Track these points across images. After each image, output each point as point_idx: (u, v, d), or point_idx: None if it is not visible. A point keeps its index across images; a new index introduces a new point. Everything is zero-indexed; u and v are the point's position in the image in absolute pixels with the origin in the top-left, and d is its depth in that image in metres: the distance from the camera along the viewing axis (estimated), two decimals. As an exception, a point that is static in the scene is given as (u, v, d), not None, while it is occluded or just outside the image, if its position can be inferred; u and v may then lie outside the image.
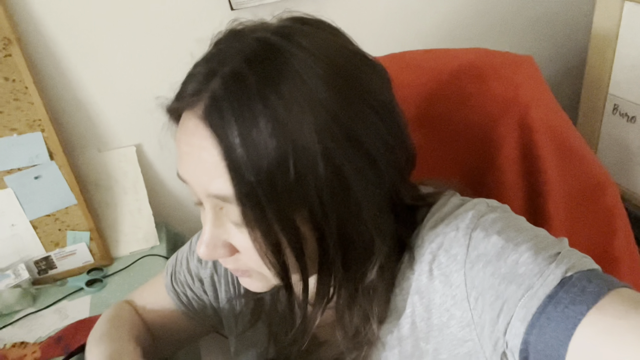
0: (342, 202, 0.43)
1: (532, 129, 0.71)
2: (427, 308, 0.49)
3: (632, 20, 0.91)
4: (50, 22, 0.96)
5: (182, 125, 0.45)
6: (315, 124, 0.41)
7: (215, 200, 0.44)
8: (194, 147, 0.43)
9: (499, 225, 0.46)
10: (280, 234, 0.43)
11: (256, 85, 0.40)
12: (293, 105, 0.40)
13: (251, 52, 0.42)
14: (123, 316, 0.68)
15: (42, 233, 1.02)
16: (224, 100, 0.41)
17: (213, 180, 0.42)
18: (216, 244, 0.46)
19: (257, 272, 0.49)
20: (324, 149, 0.41)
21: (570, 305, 0.38)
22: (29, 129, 0.95)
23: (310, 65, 0.41)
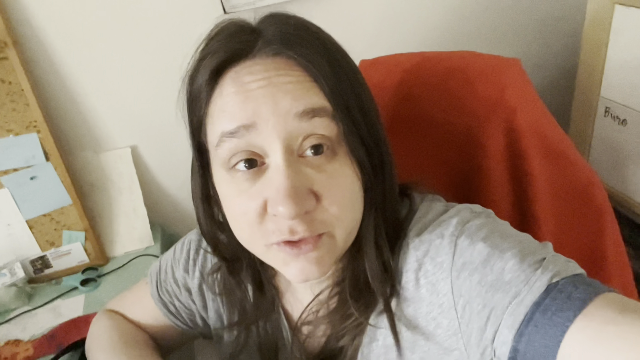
0: (381, 130, 0.49)
1: (519, 130, 0.72)
2: (413, 317, 0.49)
3: (623, 24, 0.91)
4: (46, 25, 0.97)
5: (245, 70, 0.43)
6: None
7: (302, 126, 0.42)
8: (279, 77, 0.42)
9: (483, 232, 0.46)
10: (369, 147, 0.46)
11: (307, 23, 0.46)
12: (336, 44, 0.47)
13: (277, 17, 0.47)
14: (126, 328, 0.67)
15: (38, 233, 1.04)
16: (298, 36, 0.44)
17: (308, 95, 0.42)
18: (302, 193, 0.42)
19: (329, 236, 0.46)
20: (362, 82, 0.49)
21: (557, 312, 0.38)
22: (25, 130, 0.97)
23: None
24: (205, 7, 1.03)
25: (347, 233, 0.46)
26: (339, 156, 0.44)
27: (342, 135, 0.44)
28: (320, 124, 0.42)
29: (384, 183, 0.48)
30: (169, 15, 1.03)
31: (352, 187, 0.45)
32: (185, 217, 1.21)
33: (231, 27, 0.46)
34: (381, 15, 1.16)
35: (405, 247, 0.50)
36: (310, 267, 0.45)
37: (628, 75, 0.93)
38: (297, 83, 0.42)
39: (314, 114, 0.42)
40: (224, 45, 0.44)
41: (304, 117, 0.42)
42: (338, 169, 0.44)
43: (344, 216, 0.45)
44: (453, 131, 0.75)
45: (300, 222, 0.43)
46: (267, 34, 0.44)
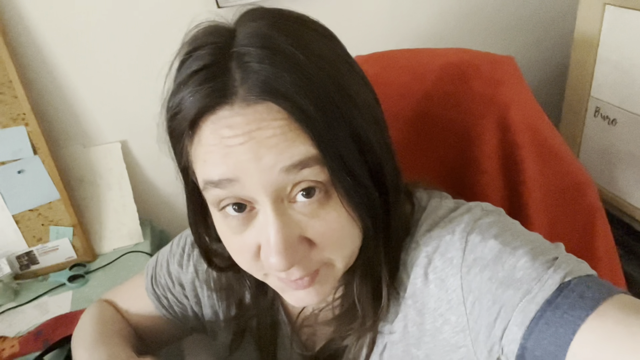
0: (384, 146, 0.45)
1: (512, 127, 0.72)
2: (420, 312, 0.48)
3: (614, 24, 0.92)
4: (35, 16, 0.96)
5: (223, 122, 0.39)
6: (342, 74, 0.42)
7: (290, 178, 0.39)
8: (260, 131, 0.38)
9: (495, 229, 0.45)
10: (362, 187, 0.42)
11: (289, 45, 0.39)
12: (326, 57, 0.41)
13: (263, 34, 0.40)
14: (110, 319, 0.66)
15: (25, 228, 1.02)
16: (280, 74, 0.38)
17: (293, 147, 0.38)
18: (293, 244, 0.41)
19: (326, 267, 0.45)
20: (360, 93, 0.43)
21: (569, 311, 0.37)
22: (12, 122, 0.95)
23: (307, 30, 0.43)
24: (198, 2, 1.02)
25: (347, 261, 0.46)
26: (333, 197, 0.42)
27: (333, 182, 0.41)
28: (309, 173, 0.39)
29: (388, 206, 0.46)
30: (160, 9, 1.02)
31: (347, 227, 0.43)
32: (176, 214, 1.20)
33: (208, 54, 0.40)
34: (375, 12, 1.16)
35: (414, 243, 0.50)
36: (309, 296, 0.46)
37: (618, 75, 0.94)
38: (281, 135, 0.38)
39: (302, 165, 0.39)
40: (197, 91, 0.39)
41: (291, 171, 0.39)
42: (331, 212, 0.42)
43: (342, 250, 0.44)
44: (447, 127, 0.75)
45: (295, 268, 0.43)
46: (245, 72, 0.38)
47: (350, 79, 0.42)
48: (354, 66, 0.45)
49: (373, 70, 0.82)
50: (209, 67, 0.40)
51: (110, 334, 0.63)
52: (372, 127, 0.43)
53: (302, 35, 0.41)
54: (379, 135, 0.45)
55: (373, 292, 0.49)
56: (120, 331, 0.64)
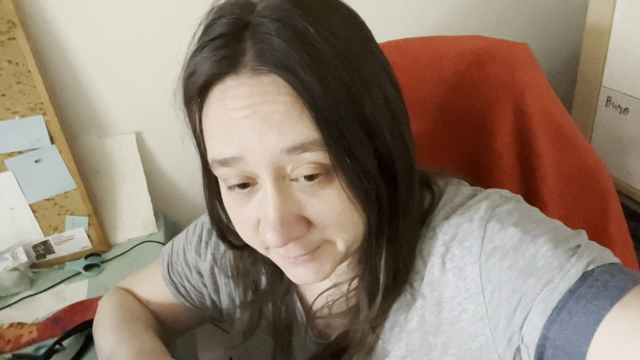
0: (397, 135, 0.44)
1: (527, 112, 0.73)
2: (437, 301, 0.48)
3: (625, 13, 0.93)
4: (54, 7, 0.97)
5: (229, 92, 0.39)
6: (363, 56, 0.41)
7: (291, 159, 0.39)
8: (264, 105, 0.38)
9: (514, 217, 0.44)
10: (365, 174, 0.41)
11: (307, 24, 0.38)
12: (346, 42, 0.40)
13: (281, 8, 0.39)
14: (132, 306, 0.66)
15: (41, 217, 1.03)
16: (289, 49, 0.37)
17: (295, 128, 0.38)
18: (290, 221, 0.41)
19: (327, 246, 0.45)
20: (378, 83, 0.42)
21: (593, 300, 0.36)
22: (30, 112, 0.96)
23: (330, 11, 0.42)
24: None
25: (348, 243, 0.45)
26: (335, 181, 0.41)
27: (334, 167, 0.40)
28: (311, 156, 0.39)
29: (397, 195, 0.45)
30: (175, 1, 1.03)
31: (349, 211, 0.42)
32: (188, 205, 1.21)
33: (223, 25, 0.41)
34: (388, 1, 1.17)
35: (431, 232, 0.49)
36: (309, 274, 0.45)
37: (630, 64, 0.95)
38: (284, 113, 0.38)
39: (303, 149, 0.39)
40: (209, 58, 0.40)
41: (292, 152, 0.39)
42: (332, 194, 0.41)
43: (341, 233, 0.44)
44: (463, 112, 0.76)
45: (293, 244, 0.43)
46: (255, 43, 0.39)
47: (365, 62, 0.41)
48: (374, 52, 0.45)
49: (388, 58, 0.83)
50: (224, 35, 0.40)
51: (133, 320, 0.63)
52: (385, 116, 0.42)
53: (321, 12, 0.40)
54: (393, 125, 0.43)
55: (387, 287, 0.49)
56: (142, 317, 0.65)
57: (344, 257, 0.47)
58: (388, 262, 0.47)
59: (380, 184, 0.43)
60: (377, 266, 0.48)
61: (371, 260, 0.48)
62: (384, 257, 0.47)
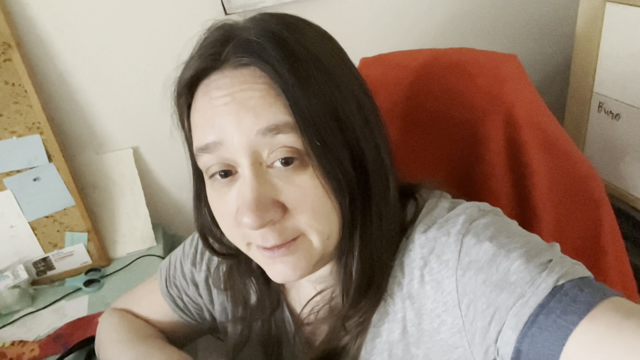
0: (369, 138, 0.47)
1: (517, 124, 0.73)
2: (418, 313, 0.49)
3: (614, 21, 0.94)
4: (49, 27, 0.98)
5: (213, 84, 0.44)
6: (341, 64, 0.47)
7: (266, 141, 0.42)
8: (242, 93, 0.42)
9: (490, 231, 0.45)
10: (337, 163, 0.44)
11: (284, 29, 0.44)
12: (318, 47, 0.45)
13: (262, 20, 0.46)
14: (136, 323, 0.67)
15: (41, 234, 1.04)
16: (266, 45, 0.42)
17: (270, 111, 0.42)
18: (266, 204, 0.43)
19: (303, 240, 0.46)
20: (349, 86, 0.46)
21: (562, 315, 0.37)
22: (28, 131, 0.97)
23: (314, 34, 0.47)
24: (206, 9, 1.05)
25: (323, 237, 0.46)
26: (310, 168, 0.43)
27: (307, 151, 0.43)
28: (285, 139, 0.42)
29: (369, 191, 0.47)
30: (170, 17, 1.04)
31: (323, 199, 0.44)
32: (187, 218, 1.22)
33: (213, 34, 0.47)
34: (378, 14, 1.18)
35: (410, 244, 0.50)
36: (287, 270, 0.47)
37: (621, 70, 0.95)
38: (260, 98, 0.42)
39: (277, 130, 0.42)
40: (197, 57, 0.45)
41: (267, 134, 0.42)
42: (307, 180, 0.43)
43: (315, 224, 0.45)
44: (453, 125, 0.76)
45: (269, 230, 0.44)
46: (236, 43, 0.44)
47: (337, 68, 0.46)
48: (347, 64, 0.49)
49: (378, 72, 0.84)
50: (214, 41, 0.46)
51: (147, 336, 0.64)
52: (357, 118, 0.46)
53: (298, 26, 0.46)
54: (365, 129, 0.46)
55: (357, 291, 0.50)
56: (156, 334, 0.66)
57: (321, 255, 0.48)
58: (362, 259, 0.48)
59: (352, 176, 0.45)
60: (350, 263, 0.49)
61: (344, 256, 0.49)
62: (356, 254, 0.48)
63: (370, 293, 0.50)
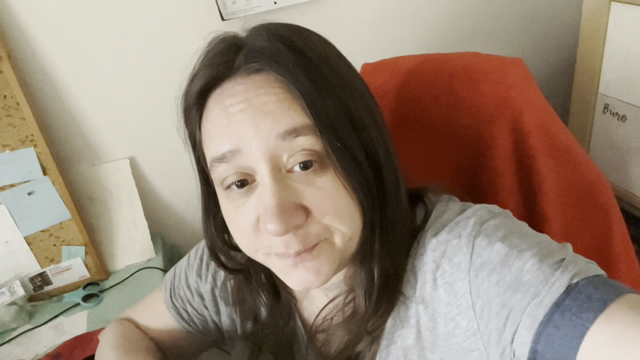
0: (380, 139, 0.47)
1: (525, 130, 0.72)
2: (432, 317, 0.48)
3: (619, 21, 0.92)
4: (41, 38, 0.96)
5: (227, 92, 0.44)
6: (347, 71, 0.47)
7: (286, 145, 0.42)
8: (258, 98, 0.42)
9: (501, 232, 0.45)
10: (356, 162, 0.44)
11: (292, 35, 0.44)
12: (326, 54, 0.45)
13: (268, 28, 0.46)
14: (132, 336, 0.66)
15: (37, 249, 1.02)
16: (278, 50, 0.43)
17: (288, 115, 0.42)
18: (289, 209, 0.42)
19: (326, 244, 0.46)
20: (358, 92, 0.46)
21: (577, 313, 0.37)
22: (21, 144, 0.95)
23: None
24: (203, 16, 1.02)
25: (346, 239, 0.46)
26: (330, 170, 0.44)
27: (328, 152, 0.43)
28: (304, 141, 0.42)
29: (385, 191, 0.47)
30: (166, 25, 1.02)
31: (345, 199, 0.44)
32: (186, 228, 1.20)
33: (219, 45, 0.47)
34: (378, 19, 1.16)
35: (422, 248, 0.50)
36: (310, 276, 0.46)
37: (626, 71, 0.94)
38: (276, 102, 0.42)
39: (297, 133, 0.42)
40: (207, 67, 0.45)
41: (286, 137, 0.42)
42: (328, 182, 0.43)
43: (339, 225, 0.45)
44: (459, 132, 0.75)
45: (293, 236, 0.43)
46: (248, 50, 0.44)
47: (344, 70, 0.46)
48: (351, 67, 0.49)
49: (381, 78, 0.82)
50: (222, 50, 0.46)
51: (134, 350, 0.63)
52: (367, 116, 0.46)
53: (303, 32, 0.47)
54: (375, 127, 0.47)
55: (378, 293, 0.49)
56: (144, 347, 0.65)
57: (342, 259, 0.47)
58: (381, 261, 0.48)
59: (370, 175, 0.45)
60: (372, 265, 0.49)
61: (366, 258, 0.49)
62: (377, 256, 0.48)
63: (381, 300, 0.50)
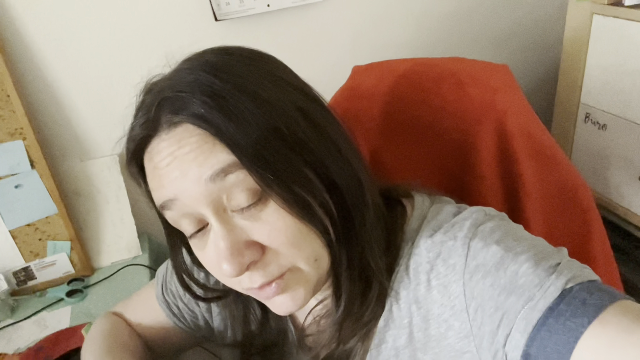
0: (326, 143, 0.46)
1: (509, 133, 0.74)
2: (424, 318, 0.48)
3: (601, 33, 0.95)
4: (33, 30, 0.96)
5: (154, 150, 0.44)
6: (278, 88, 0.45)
7: (219, 186, 0.41)
8: (180, 149, 0.42)
9: (497, 235, 0.45)
10: (298, 186, 0.42)
11: (209, 74, 0.43)
12: (247, 76, 0.44)
13: (183, 70, 0.46)
14: (119, 332, 0.66)
15: (22, 243, 1.01)
16: (192, 98, 0.42)
17: (211, 157, 0.41)
18: (240, 248, 0.42)
19: (292, 272, 0.46)
20: (291, 101, 0.45)
21: (571, 318, 0.37)
22: (10, 137, 0.95)
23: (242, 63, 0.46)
24: (196, 16, 1.03)
25: (311, 262, 0.45)
26: (271, 201, 0.43)
27: (260, 185, 0.42)
28: (236, 178, 0.41)
29: (344, 200, 0.46)
30: (159, 23, 1.02)
31: (295, 226, 0.43)
32: (173, 226, 1.20)
33: (145, 99, 0.48)
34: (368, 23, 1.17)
35: (416, 249, 0.50)
36: (287, 302, 0.47)
37: (607, 81, 0.97)
38: (197, 149, 0.41)
39: (225, 172, 0.41)
40: (135, 128, 0.46)
41: (216, 180, 0.41)
42: (273, 213, 0.43)
43: (297, 252, 0.44)
44: (445, 134, 0.76)
45: (253, 272, 0.44)
46: (167, 104, 0.43)
47: (269, 88, 0.44)
48: (282, 77, 0.47)
49: (371, 80, 0.84)
50: (146, 106, 0.45)
51: (119, 348, 0.63)
52: (307, 129, 0.44)
53: (219, 61, 0.45)
54: (320, 136, 0.45)
55: (363, 290, 0.49)
56: (129, 345, 0.64)
57: (319, 277, 0.47)
58: (350, 267, 0.48)
59: (319, 193, 0.44)
60: (339, 273, 0.48)
61: (335, 269, 0.48)
62: (344, 263, 0.48)
63: (367, 299, 0.50)
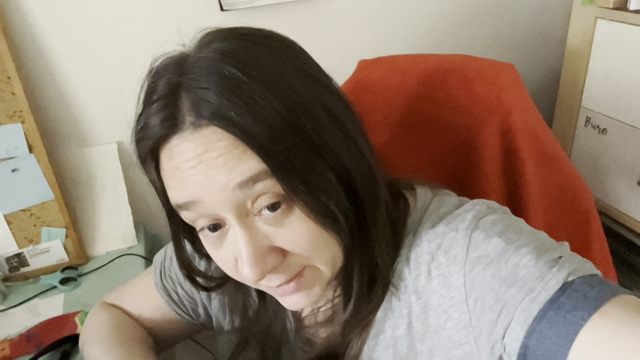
0: (353, 148, 0.45)
1: (514, 131, 0.74)
2: (424, 309, 0.48)
3: (604, 37, 0.96)
4: (37, 13, 0.95)
5: (175, 150, 0.41)
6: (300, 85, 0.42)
7: (246, 193, 0.40)
8: (207, 153, 0.40)
9: (499, 227, 0.45)
10: (325, 194, 0.42)
11: (235, 69, 0.40)
12: (276, 73, 0.41)
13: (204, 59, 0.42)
14: (123, 324, 0.65)
15: (16, 228, 0.99)
16: (220, 99, 0.39)
17: (241, 164, 0.39)
18: (263, 254, 0.42)
19: (310, 270, 0.46)
20: (318, 102, 0.43)
21: (572, 311, 0.37)
22: (9, 119, 0.93)
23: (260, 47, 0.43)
24: (202, 5, 1.03)
25: (329, 264, 0.46)
26: (296, 208, 0.42)
27: (288, 194, 0.41)
28: (264, 186, 0.40)
29: (361, 201, 0.46)
30: (163, 10, 1.02)
31: (318, 233, 0.43)
32: (170, 218, 1.19)
33: (160, 85, 0.43)
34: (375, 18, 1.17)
35: (417, 240, 0.50)
36: (301, 299, 0.47)
37: (609, 86, 0.98)
38: (227, 154, 0.39)
39: (254, 180, 0.40)
40: (153, 120, 0.42)
41: (244, 187, 0.40)
42: (298, 220, 0.42)
43: (318, 256, 0.44)
44: (450, 129, 0.77)
45: (273, 275, 0.44)
46: (192, 102, 0.40)
47: (299, 86, 0.42)
48: (309, 73, 0.45)
49: (378, 74, 0.84)
50: (162, 97, 0.42)
51: (127, 339, 0.62)
52: (333, 131, 0.43)
53: (247, 53, 0.42)
54: (343, 137, 0.44)
55: (368, 287, 0.49)
56: (136, 335, 0.64)
57: (332, 274, 0.47)
58: (361, 268, 0.48)
59: (342, 201, 0.44)
60: (352, 274, 0.49)
61: (347, 269, 0.49)
62: (357, 264, 0.48)
63: (372, 295, 0.50)
